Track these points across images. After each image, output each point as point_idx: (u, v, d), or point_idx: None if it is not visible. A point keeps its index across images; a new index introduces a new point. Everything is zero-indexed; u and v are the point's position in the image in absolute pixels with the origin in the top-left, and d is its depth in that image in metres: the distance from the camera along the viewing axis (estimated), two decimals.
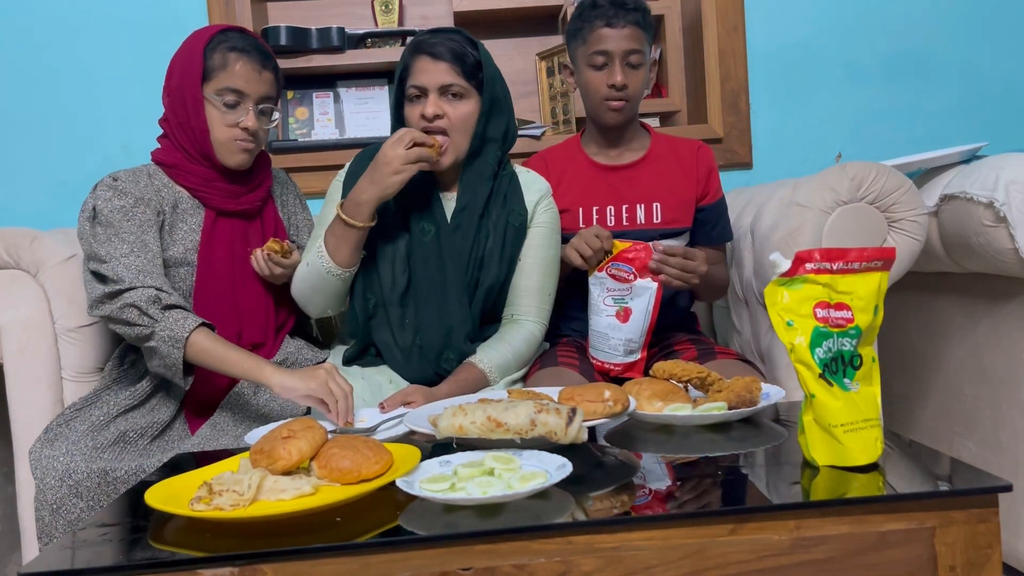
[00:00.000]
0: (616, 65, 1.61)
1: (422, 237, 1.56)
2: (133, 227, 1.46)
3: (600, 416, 1.10)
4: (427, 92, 1.51)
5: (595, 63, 1.63)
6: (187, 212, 1.55)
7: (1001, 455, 1.57)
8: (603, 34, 1.61)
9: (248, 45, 1.51)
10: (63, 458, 1.36)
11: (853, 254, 0.99)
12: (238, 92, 1.50)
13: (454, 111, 1.52)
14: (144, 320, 1.38)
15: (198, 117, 1.50)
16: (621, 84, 1.61)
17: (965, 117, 2.37)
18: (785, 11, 2.34)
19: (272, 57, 1.56)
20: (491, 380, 1.51)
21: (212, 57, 1.49)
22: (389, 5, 2.36)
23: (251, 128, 1.51)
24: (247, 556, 0.83)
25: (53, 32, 2.26)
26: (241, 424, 1.47)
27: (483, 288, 1.57)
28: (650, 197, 1.69)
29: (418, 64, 1.52)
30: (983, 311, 1.60)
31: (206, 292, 1.53)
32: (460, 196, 1.58)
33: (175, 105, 1.51)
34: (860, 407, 0.97)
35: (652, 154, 1.72)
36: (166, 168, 1.55)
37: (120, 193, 1.48)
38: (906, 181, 1.48)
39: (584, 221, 1.69)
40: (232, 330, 1.54)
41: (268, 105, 1.55)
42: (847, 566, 0.86)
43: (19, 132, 2.27)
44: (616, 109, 1.64)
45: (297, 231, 1.74)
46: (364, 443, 0.99)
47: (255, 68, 1.51)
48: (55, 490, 1.33)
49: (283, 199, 1.73)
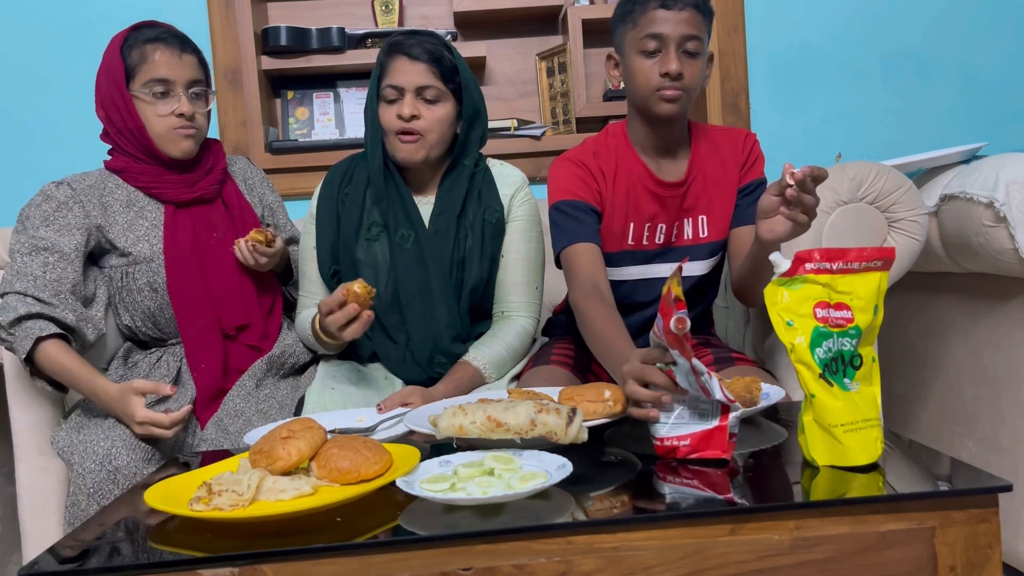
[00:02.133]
0: (671, 51, 1.40)
1: (402, 244, 1.56)
2: (49, 232, 1.48)
3: (600, 416, 1.10)
4: (404, 92, 1.51)
5: (647, 48, 1.41)
6: (145, 209, 1.57)
7: (1001, 455, 1.57)
8: (658, 16, 1.40)
9: (163, 33, 1.53)
10: (103, 443, 1.36)
11: (853, 254, 0.99)
12: (164, 81, 1.51)
13: (430, 114, 1.52)
14: (4, 334, 1.42)
15: (132, 118, 1.51)
16: (676, 72, 1.39)
17: (965, 117, 2.37)
18: (785, 11, 2.34)
19: (190, 41, 1.56)
20: (486, 377, 1.52)
21: (130, 55, 1.51)
22: (389, 5, 2.36)
23: (186, 113, 1.52)
24: (247, 556, 0.83)
25: (49, 31, 2.26)
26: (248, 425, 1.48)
27: (467, 288, 1.58)
28: (697, 210, 1.54)
29: (395, 64, 1.52)
30: (983, 311, 1.60)
31: (178, 284, 1.54)
32: (439, 200, 1.58)
33: (109, 114, 1.53)
34: (860, 407, 0.97)
35: (697, 159, 1.53)
36: (117, 173, 1.58)
37: (48, 198, 1.51)
38: (906, 181, 1.48)
39: (634, 239, 1.53)
40: (211, 316, 1.55)
41: (199, 88, 1.56)
42: (847, 566, 0.86)
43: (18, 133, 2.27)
44: (671, 99, 1.41)
45: (271, 212, 1.75)
46: (363, 443, 0.99)
47: (174, 53, 1.52)
48: (94, 474, 1.33)
49: (249, 182, 1.73)
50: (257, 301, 1.62)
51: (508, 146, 2.28)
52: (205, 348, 1.54)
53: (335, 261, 1.59)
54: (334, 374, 1.55)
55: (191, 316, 1.54)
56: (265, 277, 1.64)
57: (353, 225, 1.58)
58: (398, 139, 1.52)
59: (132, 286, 1.54)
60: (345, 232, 1.58)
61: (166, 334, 1.59)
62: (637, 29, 1.43)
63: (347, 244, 1.58)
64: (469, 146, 1.59)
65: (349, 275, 1.55)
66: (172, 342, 1.59)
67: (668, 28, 1.40)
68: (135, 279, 1.53)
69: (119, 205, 1.55)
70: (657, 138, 1.51)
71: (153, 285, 1.54)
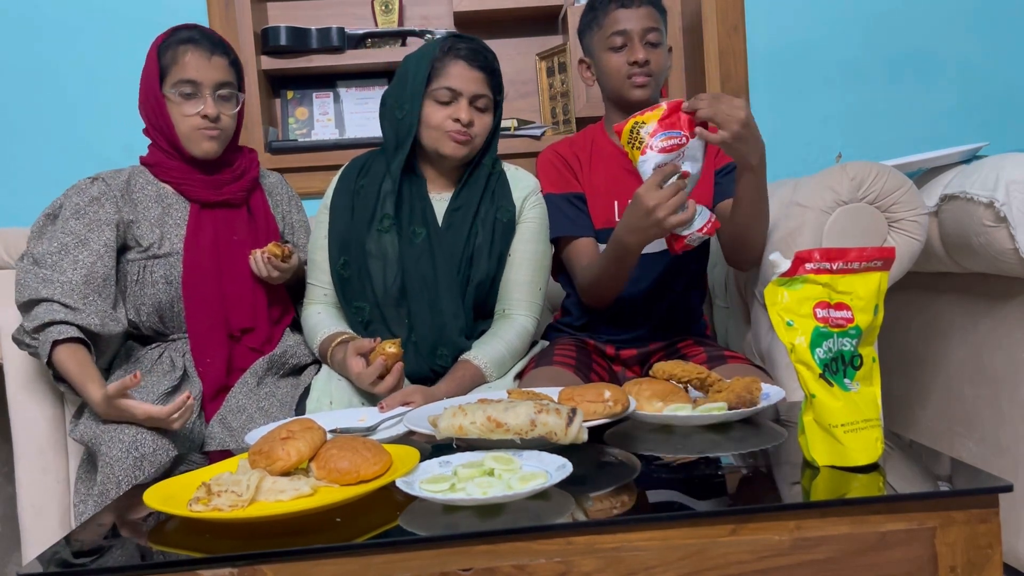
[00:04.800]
0: (636, 43, 1.58)
1: (413, 239, 1.58)
2: (79, 226, 1.50)
3: (600, 416, 1.10)
4: (460, 97, 1.54)
5: (614, 44, 1.60)
6: (172, 206, 1.60)
7: (1001, 455, 1.57)
8: (619, 15, 1.59)
9: (195, 35, 1.56)
10: (128, 429, 1.35)
11: (853, 254, 0.99)
12: (191, 82, 1.54)
13: (480, 121, 1.57)
14: (28, 339, 1.44)
15: (163, 116, 1.55)
16: (643, 60, 1.58)
17: (965, 117, 2.37)
18: (785, 11, 2.34)
19: (223, 43, 1.59)
20: (487, 376, 1.52)
21: (164, 55, 1.55)
22: (389, 5, 2.36)
23: (210, 114, 1.54)
24: (247, 556, 0.83)
25: (53, 32, 2.26)
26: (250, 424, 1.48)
27: (473, 283, 1.59)
28: None
29: (452, 68, 1.54)
30: (983, 311, 1.60)
31: (193, 280, 1.56)
32: (457, 197, 1.61)
33: (147, 111, 1.58)
34: (860, 407, 0.97)
35: None
36: (149, 167, 1.61)
37: (81, 192, 1.54)
38: (906, 181, 1.48)
39: (620, 214, 1.63)
40: (219, 316, 1.58)
41: (227, 90, 1.58)
42: (847, 566, 0.86)
43: (19, 132, 2.27)
44: (641, 85, 1.60)
45: (292, 230, 1.78)
46: (363, 444, 0.99)
47: (204, 55, 1.54)
48: (121, 462, 1.32)
49: (276, 198, 1.76)
50: (267, 308, 1.64)
51: (508, 146, 2.28)
52: (211, 345, 1.56)
53: (345, 251, 1.60)
54: None
55: (201, 313, 1.56)
56: (277, 288, 1.67)
57: (366, 216, 1.60)
58: (449, 136, 1.55)
59: (147, 279, 1.55)
60: (358, 222, 1.60)
61: (170, 328, 1.59)
62: (603, 30, 1.62)
63: (358, 234, 1.59)
64: (491, 147, 1.64)
65: (358, 266, 1.58)
66: (173, 337, 1.59)
67: (631, 24, 1.59)
68: (151, 272, 1.55)
69: (149, 201, 1.58)
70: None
71: (168, 279, 1.55)
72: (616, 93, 1.64)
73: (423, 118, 1.56)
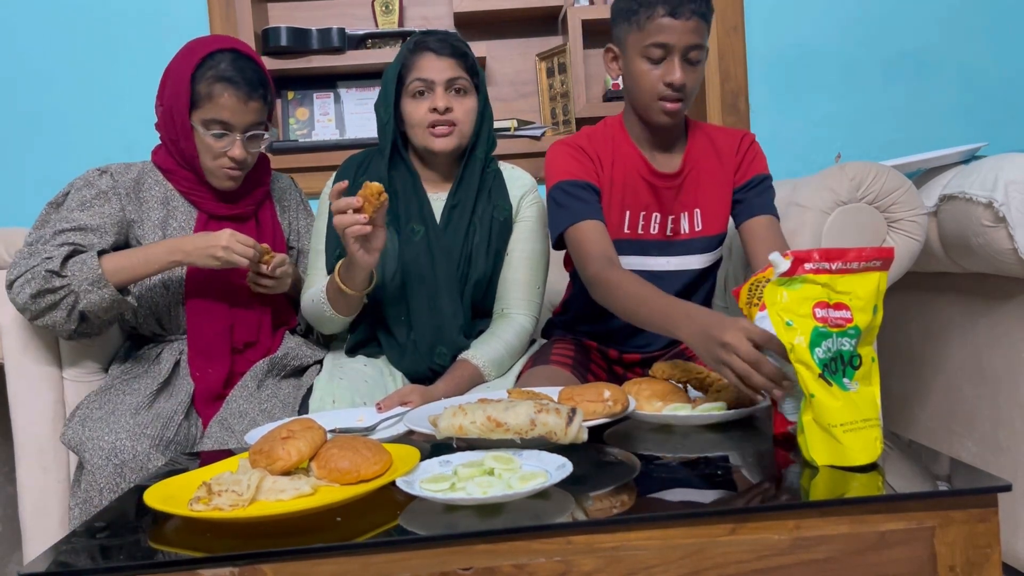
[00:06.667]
0: (676, 61, 1.40)
1: (411, 237, 1.58)
2: (84, 217, 1.49)
3: (600, 416, 1.10)
4: (434, 86, 1.54)
5: (651, 56, 1.41)
6: (177, 210, 1.58)
7: (1001, 455, 1.57)
8: (665, 24, 1.39)
9: (235, 74, 1.50)
10: (108, 436, 1.35)
11: (852, 254, 0.99)
12: (225, 123, 1.51)
13: (461, 105, 1.56)
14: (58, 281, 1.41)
15: (187, 142, 1.53)
16: (680, 83, 1.40)
17: (965, 117, 2.37)
18: (785, 11, 2.34)
19: (260, 85, 1.54)
20: (486, 375, 1.53)
21: (199, 84, 1.50)
22: (389, 6, 2.36)
23: (238, 157, 1.53)
24: (247, 556, 0.83)
25: (51, 31, 2.26)
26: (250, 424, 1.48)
27: (471, 282, 1.60)
28: (692, 204, 1.53)
29: (421, 60, 1.55)
30: (983, 311, 1.60)
31: (196, 289, 1.55)
32: (454, 193, 1.61)
33: (165, 123, 1.55)
34: (860, 407, 0.97)
35: (693, 153, 1.53)
36: (162, 171, 1.60)
37: (89, 184, 1.54)
38: (906, 181, 1.48)
39: (630, 227, 1.53)
40: (223, 323, 1.57)
41: (257, 131, 1.56)
42: (847, 566, 0.86)
43: (19, 133, 2.27)
44: (671, 112, 1.44)
45: (298, 236, 1.76)
46: (363, 444, 0.99)
47: (241, 99, 1.50)
48: (103, 469, 1.32)
49: (284, 203, 1.75)
50: (271, 323, 1.63)
51: (508, 146, 2.28)
52: (213, 354, 1.55)
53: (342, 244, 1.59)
54: (341, 364, 1.57)
55: (204, 323, 1.55)
56: (279, 299, 1.65)
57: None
58: (431, 132, 1.55)
59: (145, 283, 1.54)
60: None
61: (168, 330, 1.59)
62: (642, 34, 1.42)
63: None
64: (482, 136, 1.62)
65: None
66: (171, 338, 1.59)
67: (675, 38, 1.39)
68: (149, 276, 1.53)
69: (155, 201, 1.57)
70: (652, 133, 1.52)
71: (166, 283, 1.55)
72: (642, 108, 1.48)
73: (405, 117, 1.57)
